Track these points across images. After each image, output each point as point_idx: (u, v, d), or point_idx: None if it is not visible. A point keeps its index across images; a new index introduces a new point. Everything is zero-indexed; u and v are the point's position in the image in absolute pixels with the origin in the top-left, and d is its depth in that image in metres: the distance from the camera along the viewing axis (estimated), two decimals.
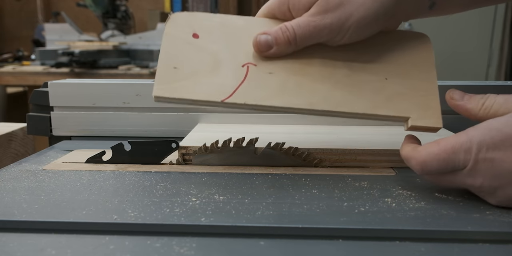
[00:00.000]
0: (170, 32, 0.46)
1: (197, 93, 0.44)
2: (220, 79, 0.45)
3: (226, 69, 0.45)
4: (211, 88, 0.44)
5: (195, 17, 0.47)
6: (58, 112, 0.65)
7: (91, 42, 2.25)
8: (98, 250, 0.31)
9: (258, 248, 0.32)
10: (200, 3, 2.38)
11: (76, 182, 0.44)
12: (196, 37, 0.46)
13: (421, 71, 0.47)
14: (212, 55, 0.46)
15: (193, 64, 0.45)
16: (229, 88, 0.44)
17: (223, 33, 0.47)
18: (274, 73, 0.46)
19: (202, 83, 0.44)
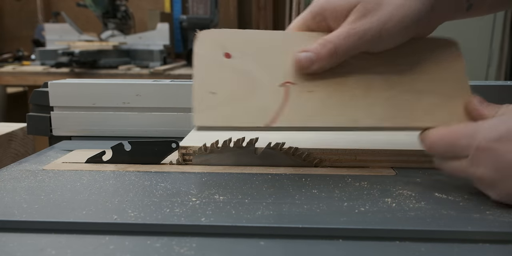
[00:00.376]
0: (199, 53, 0.44)
1: (239, 119, 0.42)
2: (260, 102, 0.43)
3: (264, 90, 0.43)
4: (253, 112, 0.42)
5: (224, 34, 0.45)
6: (58, 112, 0.65)
7: (91, 42, 2.25)
8: (98, 250, 0.31)
9: (258, 248, 0.32)
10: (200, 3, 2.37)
11: (76, 182, 0.44)
12: (228, 56, 0.44)
13: (454, 78, 0.47)
14: (247, 76, 0.43)
15: (229, 87, 0.43)
16: (271, 111, 0.43)
17: (255, 51, 0.44)
18: (314, 91, 0.44)
19: (242, 107, 0.42)
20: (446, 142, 0.39)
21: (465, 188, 0.43)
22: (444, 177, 0.46)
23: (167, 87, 0.64)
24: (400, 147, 0.51)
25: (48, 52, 2.24)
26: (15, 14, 3.53)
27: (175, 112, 0.65)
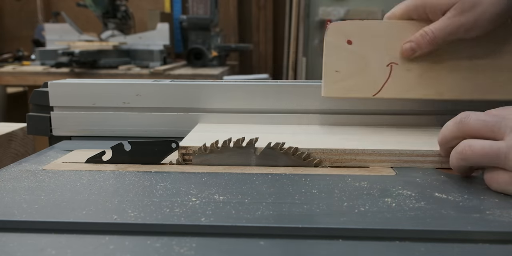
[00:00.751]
0: (329, 40, 0.56)
1: (355, 91, 0.56)
2: (371, 77, 0.56)
3: (375, 69, 0.56)
4: (365, 86, 0.56)
5: (348, 24, 0.56)
6: (58, 112, 0.65)
7: (91, 42, 2.25)
8: (98, 250, 0.31)
9: (258, 248, 0.32)
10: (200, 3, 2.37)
11: (76, 182, 0.44)
12: (350, 43, 0.56)
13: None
14: (363, 58, 0.56)
15: (349, 67, 0.56)
16: (378, 85, 0.56)
17: (370, 37, 0.56)
18: (411, 70, 0.56)
19: (357, 82, 0.56)
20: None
21: (465, 188, 0.43)
22: (444, 177, 0.47)
23: (167, 87, 0.64)
24: (400, 147, 0.51)
25: (48, 52, 2.24)
26: (15, 14, 3.53)
27: (175, 112, 0.65)
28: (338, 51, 0.56)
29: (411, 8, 0.53)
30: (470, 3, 0.49)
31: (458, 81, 0.56)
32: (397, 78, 0.56)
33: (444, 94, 0.56)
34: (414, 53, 0.54)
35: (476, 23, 0.50)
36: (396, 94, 0.56)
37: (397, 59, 0.56)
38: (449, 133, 0.44)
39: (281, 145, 0.50)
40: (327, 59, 0.56)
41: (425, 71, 0.56)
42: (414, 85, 0.56)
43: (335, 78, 0.56)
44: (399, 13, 0.55)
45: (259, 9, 3.27)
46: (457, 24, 0.50)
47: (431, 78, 0.56)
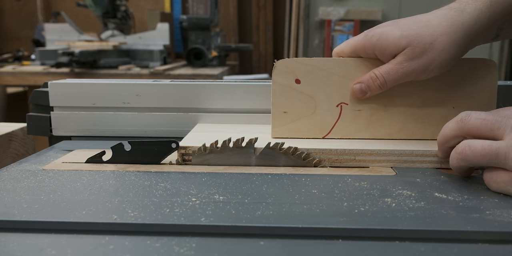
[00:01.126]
0: (276, 80, 0.54)
1: (304, 132, 0.55)
2: (320, 118, 0.55)
3: (324, 109, 0.55)
4: (314, 127, 0.55)
5: (295, 62, 0.54)
6: (58, 112, 0.65)
7: (91, 42, 2.25)
8: (98, 250, 0.31)
9: (258, 248, 0.32)
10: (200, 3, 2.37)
11: (76, 182, 0.44)
12: (298, 82, 0.54)
13: (484, 96, 0.54)
14: (312, 98, 0.54)
15: (298, 107, 0.55)
16: (328, 126, 0.55)
17: (319, 76, 0.54)
18: (361, 110, 0.55)
19: (306, 123, 0.55)
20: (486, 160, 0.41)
21: (465, 188, 0.43)
22: (444, 177, 0.47)
23: (167, 87, 0.64)
24: (400, 147, 0.51)
25: (48, 52, 2.24)
26: (15, 14, 3.53)
27: (175, 112, 0.65)
28: (286, 91, 0.54)
29: (360, 48, 0.52)
30: (421, 50, 0.48)
31: (408, 121, 0.55)
32: (347, 119, 0.55)
33: (394, 135, 0.55)
34: (364, 95, 0.53)
35: (426, 69, 0.49)
36: (346, 135, 0.55)
37: (347, 98, 0.54)
38: (450, 132, 0.44)
39: (281, 145, 0.50)
40: (274, 99, 0.54)
41: (376, 111, 0.54)
42: (364, 126, 0.55)
43: (283, 119, 0.55)
44: (348, 51, 0.53)
45: (259, 9, 3.27)
46: (407, 69, 0.49)
47: (381, 119, 0.55)
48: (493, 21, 0.49)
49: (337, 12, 2.68)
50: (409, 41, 0.48)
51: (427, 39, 0.48)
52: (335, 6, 2.70)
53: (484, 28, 0.49)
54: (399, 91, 0.53)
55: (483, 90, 0.54)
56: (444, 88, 0.54)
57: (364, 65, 0.53)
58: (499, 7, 0.48)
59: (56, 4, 3.49)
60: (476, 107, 0.54)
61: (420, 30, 0.48)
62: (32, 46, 2.71)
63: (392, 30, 0.49)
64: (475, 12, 0.48)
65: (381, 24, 0.52)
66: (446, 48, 0.48)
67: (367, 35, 0.51)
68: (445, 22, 0.48)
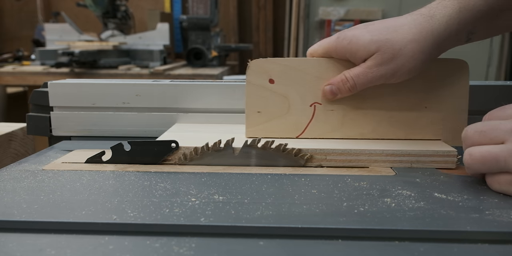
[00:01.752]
0: (250, 80, 0.54)
1: (278, 132, 0.55)
2: (294, 118, 0.55)
3: (298, 109, 0.55)
4: (288, 127, 0.55)
5: (269, 62, 0.54)
6: (58, 112, 0.65)
7: (91, 42, 2.25)
8: (98, 250, 0.31)
9: (257, 248, 0.32)
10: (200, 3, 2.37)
11: (75, 182, 0.44)
12: (272, 82, 0.54)
13: (456, 96, 0.55)
14: (286, 98, 0.55)
15: (272, 107, 0.55)
16: (301, 126, 0.55)
17: (293, 76, 0.54)
18: (334, 110, 0.55)
19: (280, 123, 0.55)
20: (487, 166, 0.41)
21: (465, 188, 0.43)
22: (444, 177, 0.47)
23: (167, 87, 0.64)
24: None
25: (48, 52, 2.24)
26: (15, 14, 3.53)
27: (175, 112, 0.65)
28: (260, 91, 0.54)
29: (332, 50, 0.52)
30: (390, 56, 0.48)
31: (382, 121, 0.55)
32: (320, 119, 0.55)
33: (368, 135, 0.55)
34: (335, 96, 0.53)
35: (394, 75, 0.49)
36: (319, 135, 0.55)
37: (321, 98, 0.54)
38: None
39: (258, 141, 0.49)
40: (248, 99, 0.54)
41: (349, 111, 0.55)
42: (337, 126, 0.55)
43: (257, 119, 0.55)
44: (320, 52, 0.54)
45: (259, 9, 3.27)
46: (377, 74, 0.49)
47: (354, 119, 0.55)
48: (462, 27, 0.49)
49: (337, 12, 2.68)
50: (378, 46, 0.49)
51: (396, 45, 0.48)
52: (335, 6, 2.70)
53: (454, 34, 0.50)
54: (372, 91, 0.54)
55: (455, 91, 0.54)
56: (417, 88, 0.54)
57: (337, 66, 0.53)
58: (468, 13, 0.49)
59: (56, 4, 3.49)
60: (449, 107, 0.54)
61: (390, 36, 0.48)
62: (32, 46, 2.71)
63: (362, 34, 0.49)
64: (444, 19, 0.49)
65: (354, 27, 0.52)
66: (415, 55, 0.48)
67: (339, 38, 0.51)
68: (414, 29, 0.49)
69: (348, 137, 0.55)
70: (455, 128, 0.54)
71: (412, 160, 0.50)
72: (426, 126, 0.55)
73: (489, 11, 0.49)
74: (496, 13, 0.50)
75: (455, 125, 0.54)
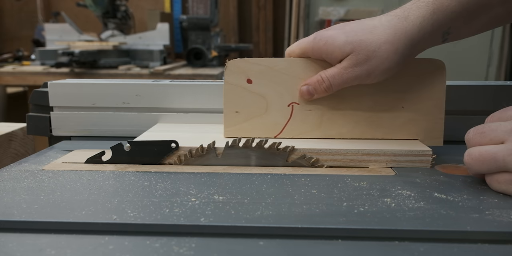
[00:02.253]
0: (228, 80, 0.54)
1: (256, 131, 0.55)
2: (272, 118, 0.55)
3: (276, 109, 0.55)
4: (266, 127, 0.55)
5: (247, 62, 0.54)
6: (58, 112, 0.65)
7: (91, 42, 2.25)
8: (98, 250, 0.31)
9: (257, 248, 0.32)
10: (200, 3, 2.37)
11: (75, 182, 0.44)
12: (250, 82, 0.54)
13: (433, 96, 0.55)
14: (264, 98, 0.55)
15: (250, 107, 0.55)
16: (279, 126, 0.55)
17: (271, 76, 0.54)
18: (312, 110, 0.55)
19: (258, 123, 0.55)
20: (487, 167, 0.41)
21: (465, 188, 0.43)
22: (444, 177, 0.47)
23: (167, 87, 0.64)
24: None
25: (48, 52, 2.24)
26: (15, 14, 3.53)
27: (175, 112, 0.65)
28: (237, 91, 0.54)
29: (309, 50, 0.53)
30: (364, 57, 0.48)
31: (359, 121, 0.55)
32: (298, 119, 0.55)
33: (346, 135, 0.55)
34: (311, 97, 0.53)
35: (369, 76, 0.50)
36: (297, 135, 0.55)
37: (299, 99, 0.55)
38: None
39: (278, 144, 0.50)
40: (226, 99, 0.55)
41: (327, 111, 0.55)
42: (315, 125, 0.55)
43: (235, 119, 0.55)
44: (298, 52, 0.54)
45: (259, 9, 3.27)
46: (352, 75, 0.50)
47: (332, 119, 0.55)
48: (436, 28, 0.50)
49: (337, 12, 2.68)
50: (353, 47, 0.49)
51: (371, 46, 0.48)
52: (335, 6, 2.70)
53: (428, 35, 0.50)
54: (350, 91, 0.54)
55: (432, 90, 0.54)
56: (394, 89, 0.54)
57: (314, 66, 0.53)
58: (442, 14, 0.49)
59: (56, 4, 3.49)
60: (425, 107, 0.54)
61: (364, 37, 0.49)
62: (32, 46, 2.71)
63: (338, 35, 0.50)
64: (418, 20, 0.49)
65: (331, 27, 0.52)
66: (389, 56, 0.49)
67: (316, 38, 0.52)
68: (388, 30, 0.49)
69: (326, 137, 0.55)
70: (432, 127, 0.55)
71: (387, 160, 0.50)
72: (403, 126, 0.55)
73: (463, 12, 0.49)
74: (471, 14, 0.50)
75: (432, 125, 0.55)
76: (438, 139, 0.55)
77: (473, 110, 0.63)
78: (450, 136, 0.62)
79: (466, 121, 0.61)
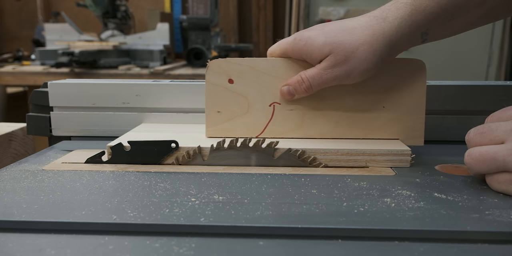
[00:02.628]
0: (210, 80, 0.55)
1: (237, 132, 0.55)
2: (253, 118, 0.55)
3: (257, 109, 0.55)
4: (247, 126, 0.55)
5: (228, 62, 0.54)
6: (58, 112, 0.65)
7: (91, 42, 2.24)
8: (98, 250, 0.31)
9: (257, 248, 0.32)
10: (200, 3, 2.37)
11: (75, 182, 0.44)
12: (231, 82, 0.55)
13: (414, 96, 0.54)
14: (245, 98, 0.55)
15: (231, 107, 0.55)
16: (261, 125, 0.55)
17: (252, 76, 0.55)
18: (294, 110, 0.55)
19: (240, 122, 0.55)
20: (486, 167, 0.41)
21: (464, 188, 0.43)
22: (443, 177, 0.47)
23: (167, 87, 0.64)
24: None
25: (48, 52, 2.24)
26: (15, 14, 3.53)
27: (175, 112, 0.65)
28: (219, 91, 0.55)
29: (289, 51, 0.53)
30: (342, 58, 0.49)
31: (340, 121, 0.55)
32: (279, 119, 0.55)
33: (327, 134, 0.55)
34: (292, 97, 0.54)
35: (348, 76, 0.50)
36: (279, 135, 0.55)
37: (280, 99, 0.55)
38: None
39: (275, 143, 0.50)
40: (208, 99, 0.55)
41: (308, 111, 0.55)
42: (296, 125, 0.55)
43: (217, 119, 0.55)
44: (278, 53, 0.54)
45: (259, 9, 3.27)
46: (331, 76, 0.50)
47: (313, 119, 0.55)
48: (415, 29, 0.50)
49: (337, 12, 2.68)
50: (331, 48, 0.49)
51: (349, 47, 0.49)
52: (335, 6, 2.70)
53: (406, 36, 0.50)
54: (331, 91, 0.54)
55: (412, 90, 0.55)
56: (375, 89, 0.55)
57: (295, 66, 0.54)
58: (420, 15, 0.49)
59: (56, 4, 3.49)
60: (406, 107, 0.55)
61: (343, 38, 0.49)
62: (32, 46, 2.71)
63: (317, 36, 0.50)
64: (396, 21, 0.49)
65: (311, 27, 0.53)
66: (367, 58, 0.49)
67: (296, 39, 0.52)
68: (367, 31, 0.49)
69: (307, 137, 0.55)
70: (412, 127, 0.55)
71: (367, 159, 0.50)
72: (384, 125, 0.55)
73: (441, 13, 0.49)
74: (449, 15, 0.50)
75: (413, 125, 0.55)
76: (419, 138, 0.55)
77: (473, 110, 0.63)
78: (450, 136, 0.62)
79: (466, 121, 0.61)
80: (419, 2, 0.49)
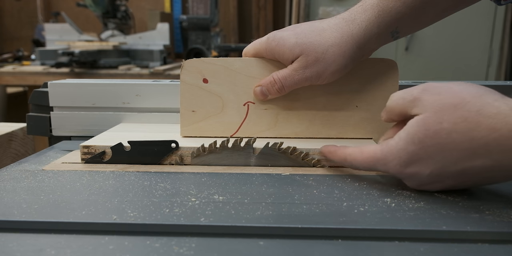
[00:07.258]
0: (184, 79, 0.55)
1: (212, 131, 0.56)
2: (228, 117, 0.56)
3: (231, 108, 0.55)
4: (222, 126, 0.56)
5: (203, 62, 0.55)
6: (57, 112, 0.65)
7: (91, 42, 2.25)
8: (98, 250, 0.31)
9: (257, 248, 0.32)
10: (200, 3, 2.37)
11: (75, 182, 0.44)
12: (206, 82, 0.55)
13: (386, 95, 0.53)
14: (220, 97, 0.55)
15: (206, 106, 0.55)
16: (235, 125, 0.56)
17: (226, 76, 0.55)
18: (268, 109, 0.56)
19: (214, 122, 0.56)
20: (367, 166, 0.43)
21: (464, 188, 0.43)
22: None
23: (167, 87, 0.64)
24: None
25: (48, 52, 2.24)
26: (15, 14, 3.53)
27: (175, 112, 0.65)
28: (194, 90, 0.55)
29: (262, 51, 0.53)
30: (313, 59, 0.49)
31: (314, 120, 0.56)
32: (254, 118, 0.55)
33: (301, 134, 0.56)
34: (265, 97, 0.54)
35: (319, 77, 0.51)
36: (253, 134, 0.55)
37: (254, 98, 0.55)
38: None
39: (279, 144, 0.50)
40: (183, 98, 0.55)
41: (282, 110, 0.55)
42: (270, 125, 0.56)
43: (191, 118, 0.55)
44: (252, 53, 0.55)
45: (259, 9, 3.27)
46: (302, 76, 0.51)
47: (287, 118, 0.56)
48: (384, 30, 0.50)
49: (337, 12, 2.68)
50: (302, 49, 0.50)
51: (319, 48, 0.49)
52: (335, 6, 2.70)
53: (375, 37, 0.50)
54: (304, 91, 0.54)
55: (385, 90, 0.55)
56: (348, 88, 0.55)
57: (268, 66, 0.54)
58: (387, 16, 0.50)
59: (56, 4, 3.49)
60: (379, 106, 0.55)
61: (313, 39, 0.50)
62: (32, 46, 2.71)
63: (289, 37, 0.51)
64: (364, 23, 0.50)
65: (285, 28, 0.53)
66: (336, 59, 0.49)
67: (269, 39, 0.52)
68: (336, 33, 0.50)
69: (281, 136, 0.55)
70: (386, 126, 0.54)
71: None
72: (357, 125, 0.56)
73: (408, 11, 0.50)
74: (417, 12, 0.50)
75: (386, 124, 0.53)
76: None
77: None
78: None
79: None
80: (385, 4, 0.50)
